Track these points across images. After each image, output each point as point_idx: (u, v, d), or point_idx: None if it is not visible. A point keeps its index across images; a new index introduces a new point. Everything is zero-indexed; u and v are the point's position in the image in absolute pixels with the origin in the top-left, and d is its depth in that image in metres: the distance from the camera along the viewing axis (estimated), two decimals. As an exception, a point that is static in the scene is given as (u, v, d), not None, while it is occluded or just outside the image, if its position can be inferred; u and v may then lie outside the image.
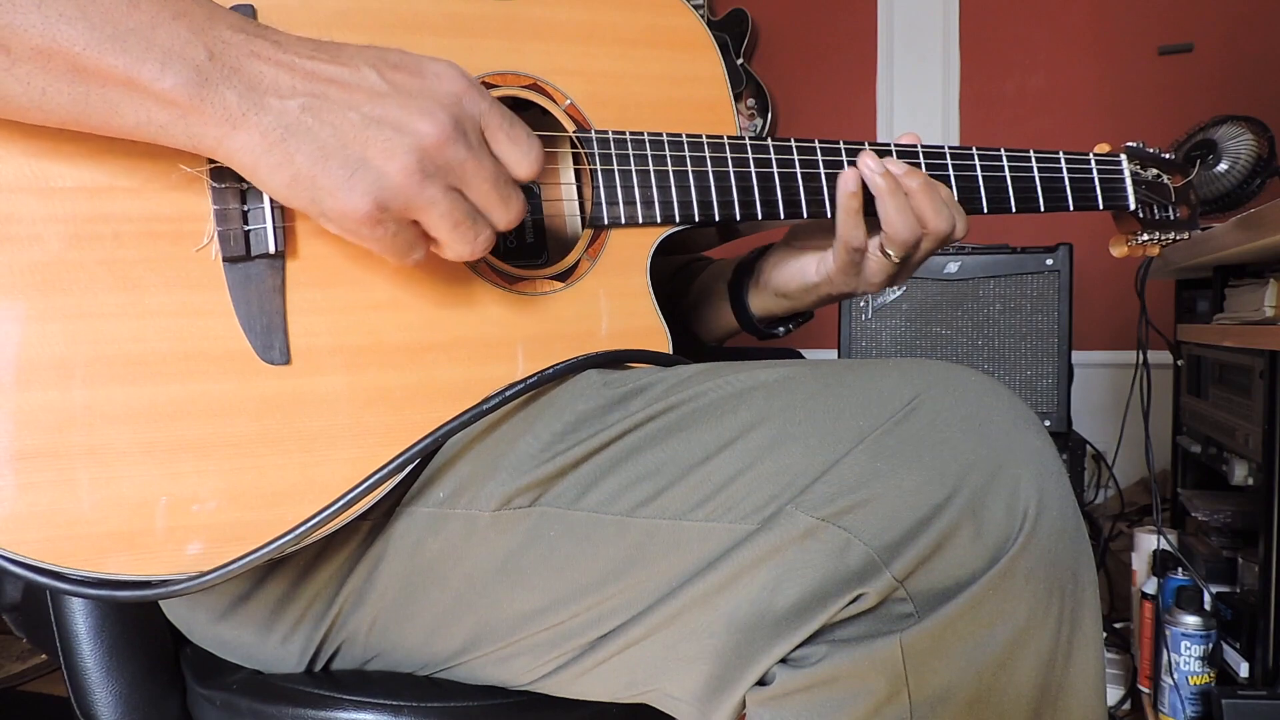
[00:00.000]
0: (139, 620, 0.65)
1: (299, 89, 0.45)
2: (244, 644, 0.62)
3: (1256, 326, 1.24)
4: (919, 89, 2.60)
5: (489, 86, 0.60)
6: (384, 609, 0.58)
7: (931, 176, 0.70)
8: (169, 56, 0.43)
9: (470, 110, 0.49)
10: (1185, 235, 0.83)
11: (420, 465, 0.55)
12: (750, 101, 2.76)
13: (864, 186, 0.67)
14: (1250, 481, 1.30)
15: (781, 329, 0.81)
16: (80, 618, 0.63)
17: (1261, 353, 1.21)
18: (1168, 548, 1.45)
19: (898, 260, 0.69)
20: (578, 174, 0.67)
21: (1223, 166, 1.38)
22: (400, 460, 0.51)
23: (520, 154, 0.51)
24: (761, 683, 0.49)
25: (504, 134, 0.50)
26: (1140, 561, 1.56)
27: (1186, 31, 2.29)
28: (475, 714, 0.58)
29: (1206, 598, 1.36)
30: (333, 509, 0.50)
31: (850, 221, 0.67)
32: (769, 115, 2.75)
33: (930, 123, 2.59)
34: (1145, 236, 0.82)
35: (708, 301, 0.83)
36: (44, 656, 1.81)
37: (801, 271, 0.74)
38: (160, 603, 0.65)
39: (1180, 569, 1.41)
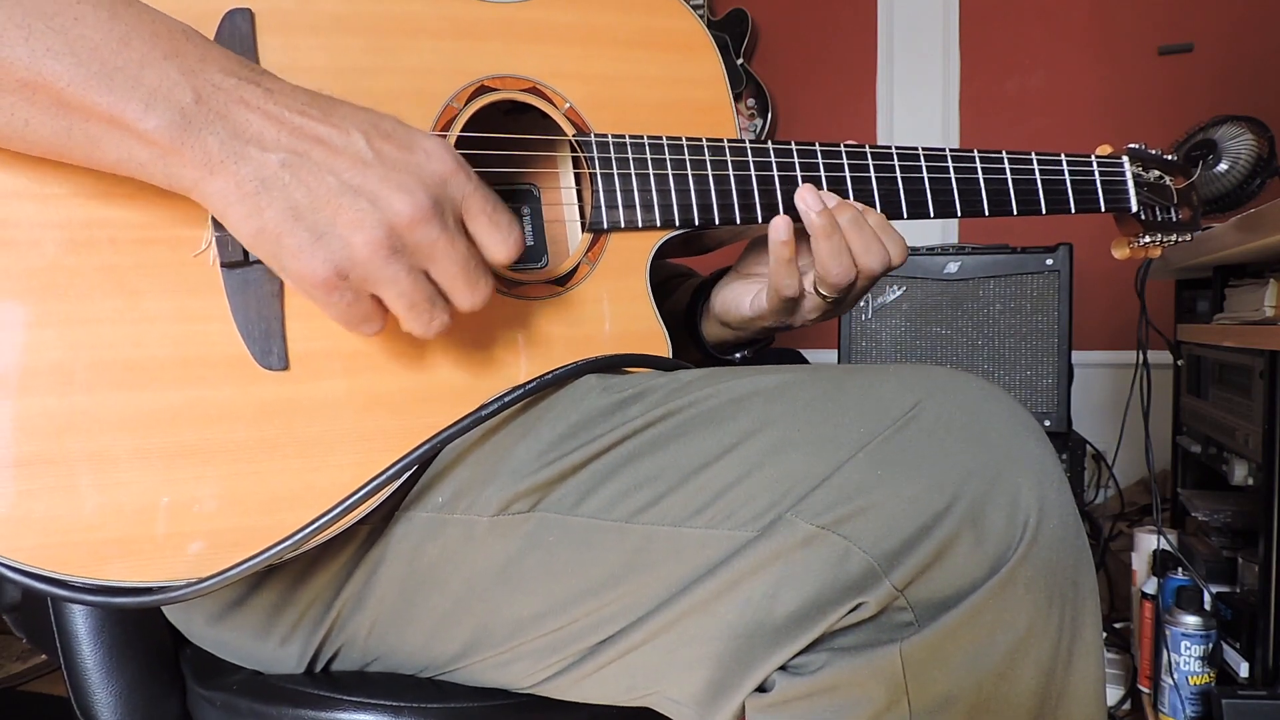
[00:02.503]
0: (139, 621, 0.65)
1: (282, 143, 0.45)
2: (242, 646, 0.62)
3: (1256, 326, 1.24)
4: (919, 89, 2.60)
5: (488, 90, 0.60)
6: (383, 613, 0.58)
7: (932, 179, 0.70)
8: (154, 97, 0.43)
9: (453, 193, 0.48)
10: (1187, 237, 0.83)
11: (419, 470, 0.55)
12: (750, 102, 2.76)
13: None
14: (1250, 481, 1.30)
15: (738, 355, 0.79)
16: (80, 619, 0.63)
17: (1261, 353, 1.21)
18: (1168, 548, 1.45)
19: (832, 301, 0.67)
20: (577, 177, 0.67)
21: (1223, 166, 1.38)
22: (399, 466, 0.51)
23: (499, 239, 0.50)
24: (761, 689, 0.49)
25: (485, 218, 0.49)
26: (1140, 561, 1.56)
27: (1186, 31, 2.28)
28: (476, 715, 0.58)
29: (1206, 598, 1.36)
30: (331, 514, 0.50)
31: (782, 270, 0.65)
32: (769, 115, 2.75)
33: (930, 123, 2.58)
34: (1147, 238, 0.81)
35: (676, 326, 0.81)
36: (44, 656, 1.81)
37: (737, 304, 0.72)
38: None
39: (1180, 569, 1.41)
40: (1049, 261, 1.71)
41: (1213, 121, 1.44)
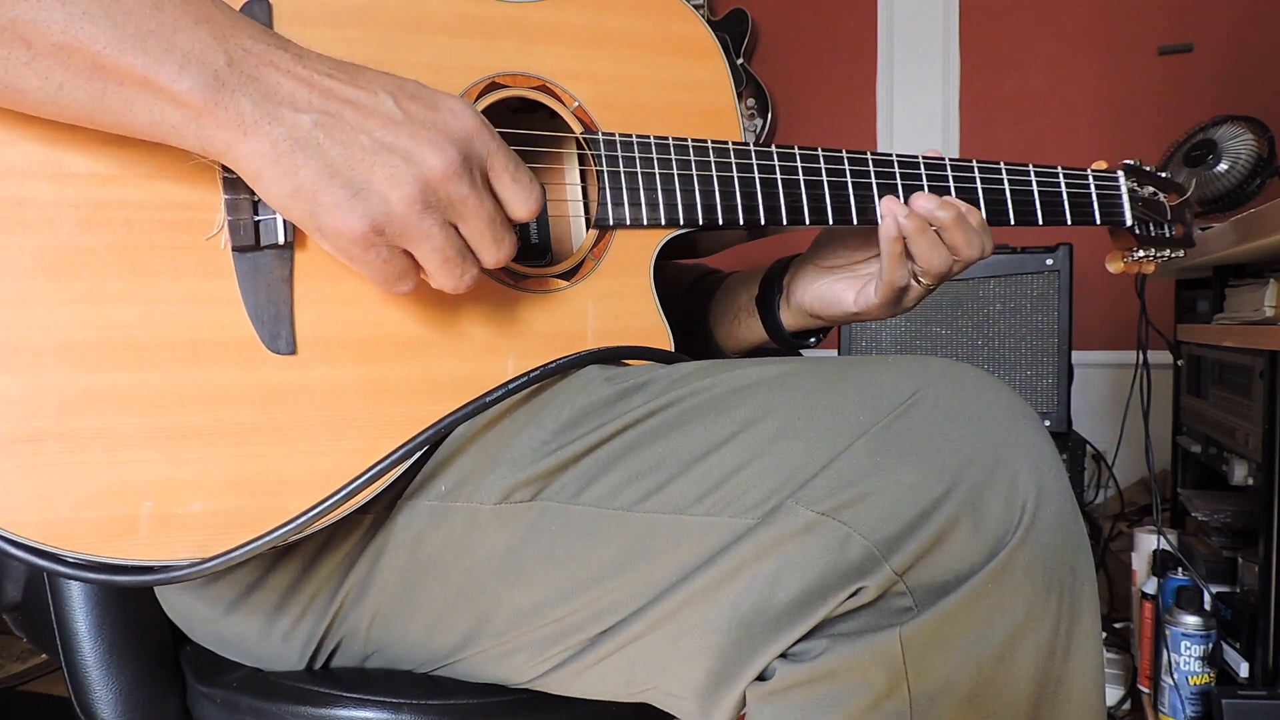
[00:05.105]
0: (139, 618, 0.65)
1: (314, 104, 0.46)
2: (244, 641, 0.62)
3: (1256, 326, 1.24)
4: (919, 89, 2.60)
5: (499, 86, 0.60)
6: (385, 603, 0.58)
7: (932, 188, 0.71)
8: (188, 60, 0.44)
9: (479, 149, 0.50)
10: (1180, 253, 0.85)
11: (422, 458, 0.55)
12: (750, 102, 2.76)
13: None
14: (1250, 481, 1.31)
15: (813, 339, 0.83)
16: (80, 616, 0.63)
17: (1261, 353, 1.21)
18: (1168, 548, 1.45)
19: (933, 286, 0.72)
20: (584, 175, 0.67)
21: (1223, 166, 1.39)
22: (402, 452, 0.52)
23: (522, 196, 0.51)
24: (761, 678, 0.49)
25: (508, 175, 0.51)
26: (1140, 561, 1.56)
27: (1186, 31, 2.29)
28: (475, 712, 0.58)
29: (1206, 598, 1.36)
30: (333, 499, 0.50)
31: (895, 264, 0.70)
32: (769, 115, 2.75)
33: (930, 124, 2.59)
34: (1141, 253, 0.83)
35: (732, 317, 0.84)
36: (44, 656, 1.81)
37: (838, 300, 0.76)
38: (161, 599, 0.65)
39: (1180, 569, 1.41)
40: (1049, 261, 1.71)
41: (1213, 121, 1.45)
